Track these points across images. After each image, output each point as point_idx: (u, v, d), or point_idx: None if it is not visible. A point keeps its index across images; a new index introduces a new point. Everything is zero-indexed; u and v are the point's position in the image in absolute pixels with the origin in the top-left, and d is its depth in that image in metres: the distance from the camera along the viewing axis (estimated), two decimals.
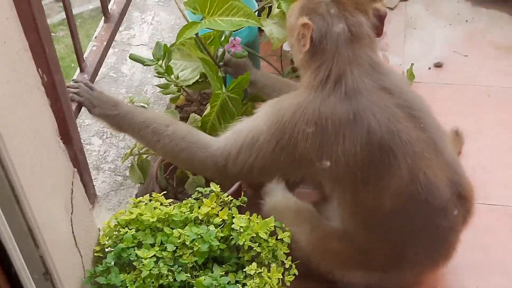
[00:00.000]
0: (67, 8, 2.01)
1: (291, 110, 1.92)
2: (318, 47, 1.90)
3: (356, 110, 1.87)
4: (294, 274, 1.93)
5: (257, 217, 1.94)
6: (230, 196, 2.02)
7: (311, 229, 2.16)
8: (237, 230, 1.88)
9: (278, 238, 1.94)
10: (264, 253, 1.88)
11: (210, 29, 2.27)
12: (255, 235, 1.89)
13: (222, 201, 2.01)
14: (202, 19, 2.20)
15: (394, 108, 1.92)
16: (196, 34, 2.27)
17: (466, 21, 3.36)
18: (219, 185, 2.03)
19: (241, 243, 1.87)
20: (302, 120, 1.90)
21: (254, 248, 1.88)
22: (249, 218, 1.92)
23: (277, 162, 1.98)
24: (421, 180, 1.95)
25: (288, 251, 1.95)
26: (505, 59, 3.15)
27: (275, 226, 1.93)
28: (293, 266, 1.94)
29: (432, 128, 2.00)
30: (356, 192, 1.97)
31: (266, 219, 1.93)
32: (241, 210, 1.99)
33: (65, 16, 2.09)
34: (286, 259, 1.94)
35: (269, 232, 1.91)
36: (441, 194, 2.00)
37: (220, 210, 1.96)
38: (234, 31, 2.34)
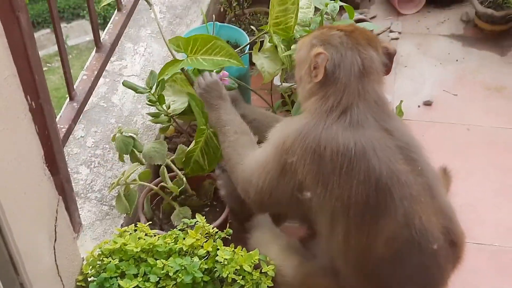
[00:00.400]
0: (58, 37, 2.03)
1: (293, 136, 1.91)
2: (330, 77, 1.91)
3: (358, 141, 1.85)
4: None
5: (241, 250, 1.93)
6: (215, 228, 2.01)
7: (298, 264, 2.14)
8: (221, 262, 1.87)
9: (262, 271, 1.92)
10: (247, 286, 1.87)
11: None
12: (239, 268, 1.87)
13: (207, 233, 1.99)
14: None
15: (394, 149, 1.91)
16: (183, 69, 2.30)
17: (457, 60, 3.40)
18: (204, 217, 2.03)
19: (224, 276, 1.85)
20: (302, 146, 1.88)
21: (237, 281, 1.87)
22: (233, 251, 1.91)
23: (283, 188, 1.96)
24: (416, 224, 1.91)
25: (272, 285, 1.94)
26: (495, 99, 3.18)
27: (259, 259, 1.92)
28: None
29: (428, 172, 1.99)
30: (348, 232, 1.92)
31: (251, 252, 1.92)
32: (226, 243, 1.98)
33: None
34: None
35: (253, 265, 1.90)
36: (434, 241, 1.96)
37: (205, 241, 1.95)
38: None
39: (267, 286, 1.91)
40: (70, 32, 11.59)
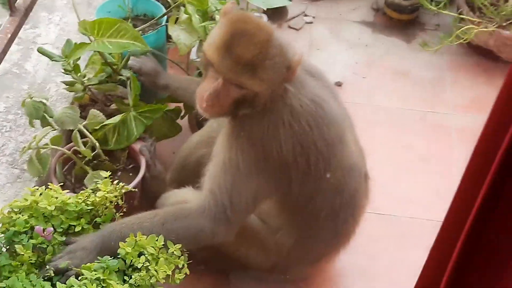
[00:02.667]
0: None
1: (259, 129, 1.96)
2: None
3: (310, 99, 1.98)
4: (186, 274, 1.90)
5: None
6: (126, 186, 2.03)
7: None
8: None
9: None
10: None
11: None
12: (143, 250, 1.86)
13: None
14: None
15: (325, 90, 2.07)
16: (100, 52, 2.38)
17: (366, 45, 3.55)
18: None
19: (128, 262, 1.84)
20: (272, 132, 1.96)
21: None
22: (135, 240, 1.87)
23: (264, 181, 2.01)
24: (354, 151, 2.15)
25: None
26: (400, 83, 3.34)
27: (164, 242, 1.89)
28: (186, 266, 1.92)
29: (345, 107, 2.20)
30: (319, 177, 2.05)
31: (153, 236, 1.89)
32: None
33: None
34: (179, 258, 1.91)
35: (158, 247, 1.87)
36: (363, 166, 2.23)
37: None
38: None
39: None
40: None
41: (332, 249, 2.33)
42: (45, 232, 1.83)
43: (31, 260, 1.80)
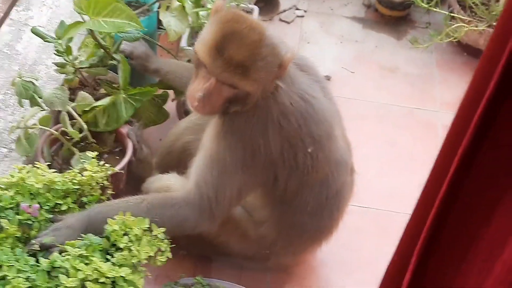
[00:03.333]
0: None
1: (243, 121, 1.98)
2: None
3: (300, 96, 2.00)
4: (168, 257, 1.91)
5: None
6: (111, 167, 2.06)
7: None
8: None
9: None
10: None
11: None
12: (129, 230, 1.86)
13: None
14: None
15: (315, 85, 2.08)
16: (92, 32, 2.36)
17: (356, 41, 3.58)
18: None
19: (113, 240, 1.85)
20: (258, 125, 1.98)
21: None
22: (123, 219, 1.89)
23: (250, 176, 2.04)
24: (342, 146, 2.18)
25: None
26: (389, 79, 3.37)
27: (150, 224, 1.90)
28: (168, 249, 1.93)
29: (334, 101, 2.22)
30: (306, 173, 2.07)
31: (140, 218, 1.90)
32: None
33: None
34: (162, 241, 1.92)
35: (143, 229, 1.88)
36: (350, 160, 2.25)
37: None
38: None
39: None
40: None
41: (315, 241, 2.35)
42: (31, 208, 1.84)
43: (16, 235, 1.81)
